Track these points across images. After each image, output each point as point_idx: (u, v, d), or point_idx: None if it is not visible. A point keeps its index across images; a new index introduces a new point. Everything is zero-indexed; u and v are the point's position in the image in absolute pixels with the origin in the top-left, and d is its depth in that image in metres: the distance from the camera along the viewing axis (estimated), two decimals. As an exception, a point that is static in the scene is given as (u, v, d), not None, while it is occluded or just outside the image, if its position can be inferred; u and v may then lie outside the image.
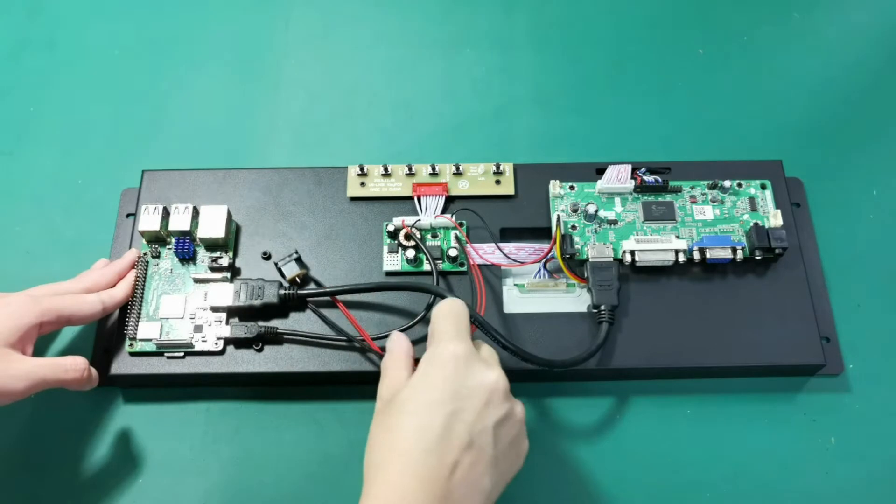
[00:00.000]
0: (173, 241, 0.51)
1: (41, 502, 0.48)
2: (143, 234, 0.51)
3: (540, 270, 0.52)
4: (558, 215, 0.52)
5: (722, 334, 0.50)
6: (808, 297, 0.51)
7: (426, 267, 0.51)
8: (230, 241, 0.52)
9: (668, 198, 0.53)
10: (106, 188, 0.57)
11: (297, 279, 0.50)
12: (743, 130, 0.61)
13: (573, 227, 0.52)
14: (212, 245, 0.52)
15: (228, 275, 0.51)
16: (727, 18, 0.66)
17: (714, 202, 0.53)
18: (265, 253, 0.52)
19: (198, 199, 0.54)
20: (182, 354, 0.49)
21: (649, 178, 0.53)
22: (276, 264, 0.50)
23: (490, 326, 0.45)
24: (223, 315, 0.50)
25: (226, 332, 0.49)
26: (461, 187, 0.54)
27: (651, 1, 0.67)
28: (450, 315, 0.41)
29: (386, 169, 0.54)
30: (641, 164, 0.54)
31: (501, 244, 0.51)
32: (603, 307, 0.49)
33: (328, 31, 0.66)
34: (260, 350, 0.49)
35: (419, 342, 0.49)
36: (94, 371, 0.46)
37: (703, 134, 0.61)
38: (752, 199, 0.53)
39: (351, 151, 0.60)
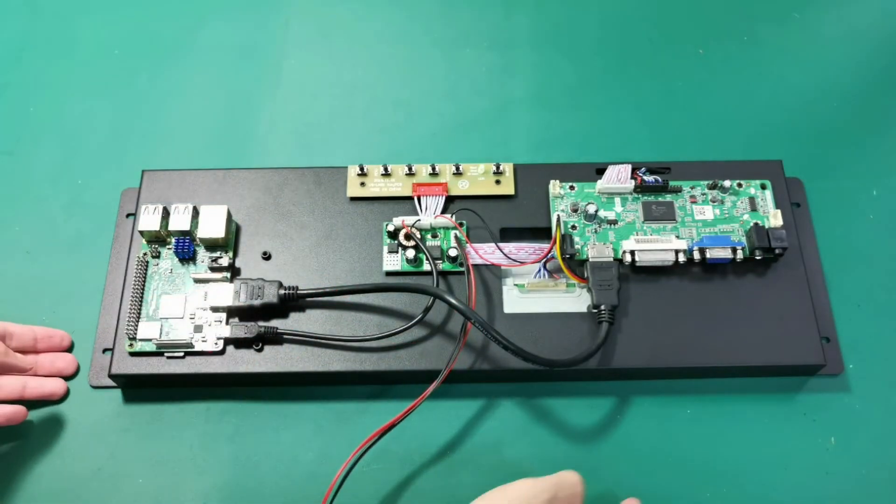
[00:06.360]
0: (173, 241, 0.51)
1: (41, 502, 0.48)
2: (142, 234, 0.51)
3: (540, 270, 0.52)
4: (558, 215, 0.52)
5: (722, 334, 0.50)
6: (808, 297, 0.51)
7: (426, 267, 0.51)
8: (230, 241, 0.52)
9: (668, 198, 0.53)
10: (106, 188, 0.57)
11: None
12: (743, 130, 0.61)
13: (573, 227, 0.52)
14: (212, 245, 0.52)
15: (228, 275, 0.51)
16: (727, 18, 0.66)
17: (714, 202, 0.53)
18: (265, 253, 0.52)
19: (198, 199, 0.54)
20: (182, 354, 0.49)
21: (649, 178, 0.53)
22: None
23: (490, 326, 0.45)
24: (223, 315, 0.50)
25: (226, 332, 0.49)
26: (461, 187, 0.54)
27: (651, 1, 0.67)
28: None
29: (386, 169, 0.54)
30: (641, 164, 0.54)
31: (501, 244, 0.51)
32: (603, 307, 0.49)
33: (328, 31, 0.66)
34: (260, 350, 0.49)
35: (415, 344, 0.49)
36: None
37: (703, 134, 0.61)
38: (752, 199, 0.53)
39: (351, 151, 0.60)
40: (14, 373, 0.45)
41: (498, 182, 0.54)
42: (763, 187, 0.54)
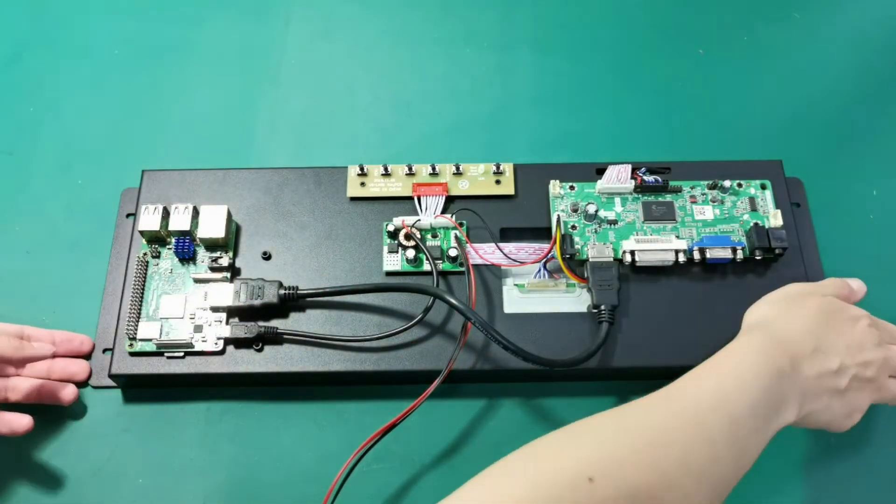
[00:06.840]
0: (173, 241, 0.51)
1: (41, 502, 0.48)
2: (143, 233, 0.51)
3: (540, 270, 0.52)
4: (558, 215, 0.52)
5: (722, 334, 0.50)
6: (808, 297, 0.51)
7: (426, 267, 0.51)
8: (230, 241, 0.52)
9: (668, 198, 0.53)
10: (106, 188, 0.57)
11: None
12: (743, 130, 0.61)
13: (573, 227, 0.52)
14: (212, 245, 0.52)
15: (228, 275, 0.51)
16: (727, 18, 0.66)
17: (714, 202, 0.53)
18: (265, 253, 0.52)
19: (198, 199, 0.54)
20: (182, 354, 0.49)
21: (649, 178, 0.53)
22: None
23: (490, 326, 0.45)
24: (223, 315, 0.50)
25: (226, 332, 0.49)
26: (461, 187, 0.54)
27: (651, 1, 0.67)
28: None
29: (386, 169, 0.54)
30: (641, 164, 0.54)
31: (501, 244, 0.51)
32: (603, 307, 0.49)
33: (328, 31, 0.66)
34: (260, 350, 0.49)
35: (415, 344, 0.49)
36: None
37: (703, 134, 0.61)
38: (752, 199, 0.53)
39: (351, 151, 0.60)
40: (36, 361, 0.46)
41: (498, 182, 0.54)
42: (763, 187, 0.54)
